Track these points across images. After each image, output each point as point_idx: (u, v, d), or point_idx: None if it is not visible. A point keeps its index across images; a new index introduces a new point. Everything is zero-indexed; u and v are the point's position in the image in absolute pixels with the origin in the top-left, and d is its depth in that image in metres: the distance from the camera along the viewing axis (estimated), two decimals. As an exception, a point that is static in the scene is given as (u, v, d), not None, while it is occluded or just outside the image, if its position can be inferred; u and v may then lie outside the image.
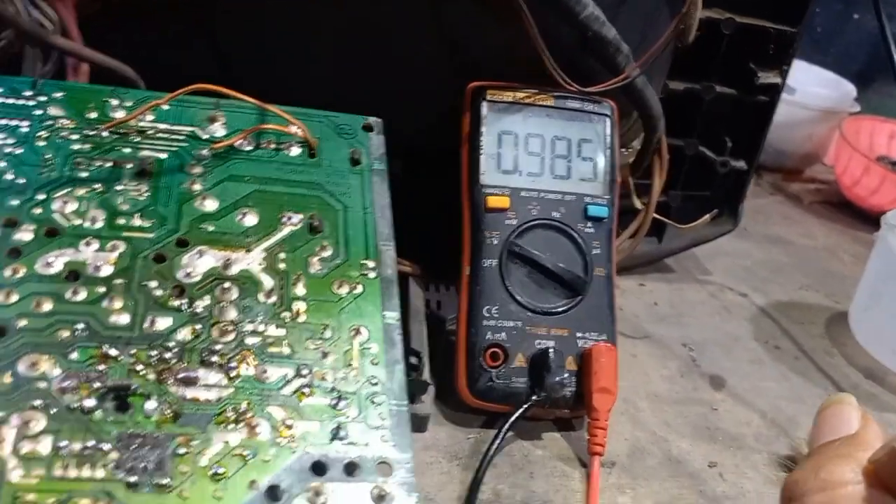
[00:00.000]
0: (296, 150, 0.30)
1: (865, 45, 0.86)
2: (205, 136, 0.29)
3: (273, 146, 0.30)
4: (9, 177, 0.26)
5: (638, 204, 0.48)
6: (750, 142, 0.56)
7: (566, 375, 0.38)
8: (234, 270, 0.26)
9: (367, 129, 0.32)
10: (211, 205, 0.27)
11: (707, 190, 0.57)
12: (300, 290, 0.26)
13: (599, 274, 0.41)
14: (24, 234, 0.25)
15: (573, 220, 0.41)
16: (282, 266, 0.26)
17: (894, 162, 0.79)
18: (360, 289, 0.27)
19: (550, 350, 0.38)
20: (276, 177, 0.29)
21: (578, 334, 0.39)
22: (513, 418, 0.37)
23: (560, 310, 0.40)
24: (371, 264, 0.27)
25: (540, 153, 0.42)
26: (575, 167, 0.42)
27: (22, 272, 0.24)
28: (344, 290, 0.26)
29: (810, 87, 0.79)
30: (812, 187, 0.82)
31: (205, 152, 0.29)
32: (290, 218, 0.28)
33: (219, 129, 0.30)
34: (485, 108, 0.41)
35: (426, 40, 0.40)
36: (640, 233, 0.48)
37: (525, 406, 0.37)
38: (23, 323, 0.23)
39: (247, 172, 0.29)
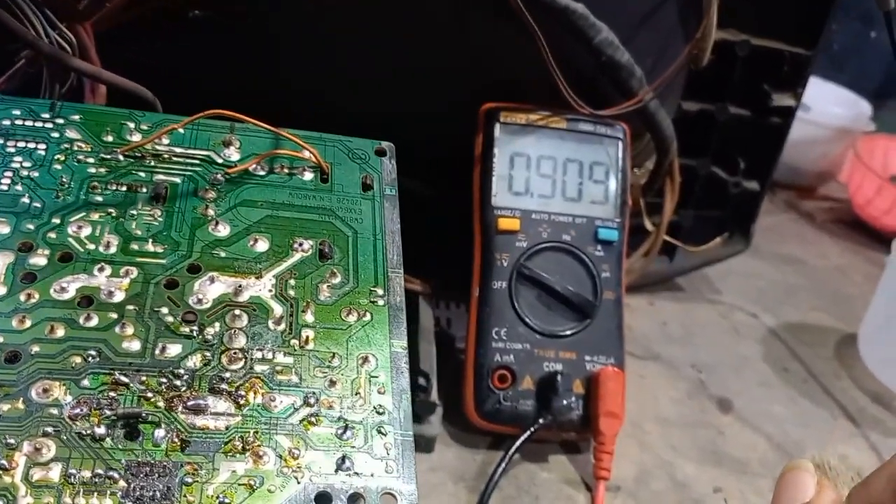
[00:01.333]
0: (308, 175, 0.30)
1: (882, 63, 0.86)
2: (219, 161, 0.30)
3: (286, 171, 0.30)
4: (25, 200, 0.26)
5: (649, 225, 0.48)
6: (763, 163, 0.56)
7: (573, 399, 0.39)
8: (244, 297, 0.26)
9: (380, 153, 0.32)
10: (223, 230, 0.28)
11: (719, 210, 0.57)
12: (309, 317, 0.26)
13: (609, 297, 0.41)
14: (39, 259, 0.25)
15: (583, 243, 0.41)
16: (291, 293, 0.27)
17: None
18: (368, 316, 0.27)
19: (558, 373, 0.39)
20: (288, 202, 0.29)
21: (587, 357, 0.40)
22: (519, 441, 0.38)
23: (569, 333, 0.40)
24: (380, 291, 0.28)
25: (552, 175, 0.42)
26: (586, 190, 0.42)
27: (36, 297, 0.24)
28: (353, 318, 0.27)
29: (826, 106, 0.79)
30: (826, 206, 0.82)
31: (219, 177, 0.29)
32: (301, 244, 0.28)
33: (233, 154, 0.30)
34: (498, 129, 0.41)
35: (443, 61, 0.40)
36: (651, 253, 0.48)
37: (532, 429, 0.38)
38: (36, 349, 0.23)
39: (259, 197, 0.29)
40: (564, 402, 0.38)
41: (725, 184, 0.56)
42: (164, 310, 0.25)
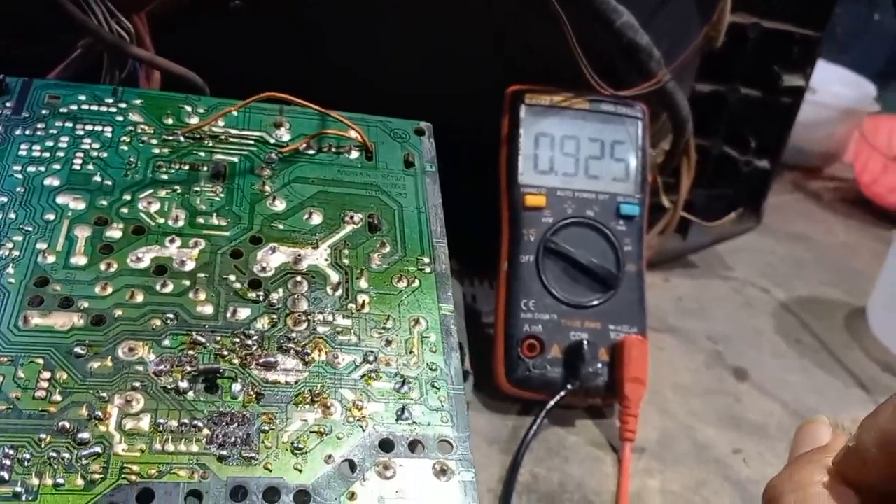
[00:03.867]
0: (355, 154, 0.32)
1: (885, 45, 0.88)
2: (272, 141, 0.32)
3: (334, 150, 0.32)
4: (97, 179, 0.28)
5: (666, 202, 0.50)
6: (773, 142, 0.58)
7: (599, 366, 0.41)
8: (303, 266, 0.28)
9: (419, 132, 0.34)
10: (280, 205, 0.30)
11: (731, 188, 0.59)
12: (363, 283, 0.28)
13: (631, 270, 0.43)
14: (114, 232, 0.27)
15: (606, 218, 0.43)
16: (346, 262, 0.29)
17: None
18: (417, 283, 0.29)
19: (585, 341, 0.41)
20: (337, 178, 0.31)
21: (611, 327, 0.42)
22: (549, 406, 0.40)
23: (594, 304, 0.42)
24: (426, 260, 0.30)
25: (575, 154, 0.44)
26: (608, 167, 0.44)
27: (115, 266, 0.26)
28: (403, 284, 0.29)
29: (831, 87, 0.81)
30: (832, 185, 0.84)
31: (273, 156, 0.31)
32: (351, 217, 0.30)
33: (284, 134, 0.32)
34: (523, 110, 0.43)
35: (471, 44, 0.42)
36: (668, 230, 0.50)
37: (561, 395, 0.40)
38: (119, 312, 0.25)
39: (311, 174, 0.31)
40: (591, 368, 0.40)
41: (737, 162, 0.58)
42: (232, 277, 0.27)
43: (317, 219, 0.30)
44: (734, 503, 0.38)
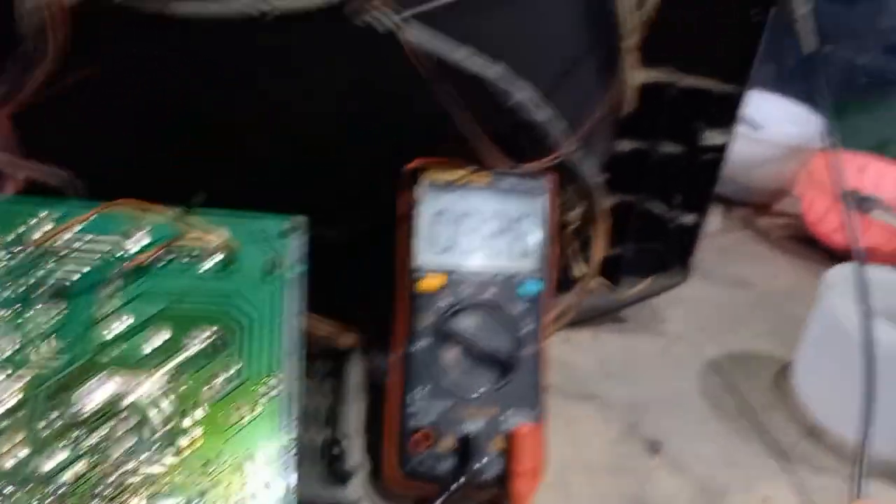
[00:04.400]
0: (213, 261, 0.31)
1: (837, 78, 0.86)
2: (128, 246, 0.31)
3: (189, 258, 0.31)
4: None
5: (578, 270, 0.49)
6: (698, 198, 0.56)
7: (493, 457, 0.40)
8: (132, 398, 0.27)
9: (288, 231, 0.33)
10: (120, 325, 0.29)
11: (659, 242, 0.58)
12: (199, 413, 0.27)
13: (528, 352, 0.42)
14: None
15: (506, 298, 0.42)
16: (183, 388, 0.28)
17: (863, 198, 0.79)
18: (259, 409, 0.28)
19: (476, 433, 0.40)
20: (188, 290, 0.30)
21: (508, 412, 0.41)
22: (439, 501, 0.38)
23: (490, 390, 0.41)
24: (273, 382, 0.29)
25: (476, 231, 0.43)
26: (510, 244, 0.43)
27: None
28: (242, 412, 0.28)
29: (778, 124, 0.80)
30: (781, 222, 0.83)
31: (120, 269, 0.30)
32: (196, 336, 0.29)
33: (144, 238, 0.31)
34: (421, 188, 0.42)
35: (365, 125, 0.41)
36: (580, 296, 0.49)
37: (447, 492, 0.38)
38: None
39: (160, 288, 0.30)
40: (483, 460, 0.39)
41: (662, 218, 0.57)
42: (54, 414, 0.26)
43: (159, 340, 0.29)
44: None
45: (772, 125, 0.79)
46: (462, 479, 0.39)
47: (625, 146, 0.53)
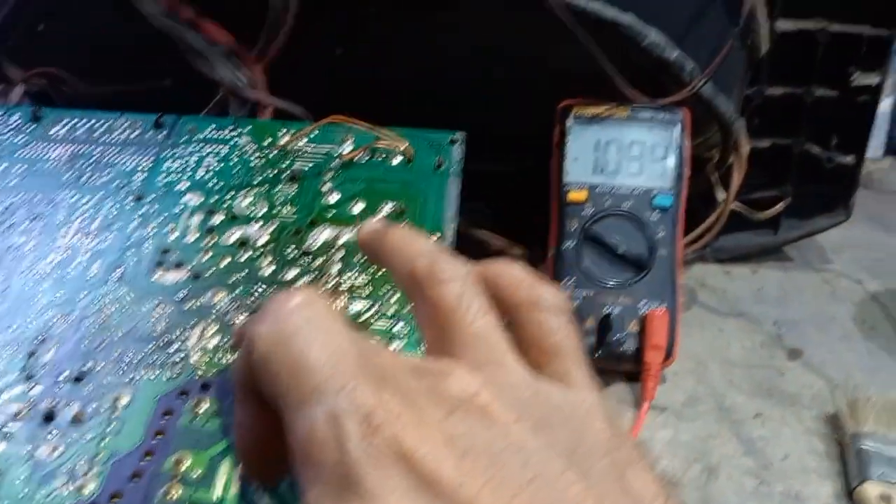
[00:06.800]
0: (397, 159, 0.43)
1: None
2: (338, 151, 0.43)
3: (382, 157, 0.43)
4: (210, 184, 0.41)
5: (720, 196, 0.55)
6: (855, 138, 0.60)
7: (626, 335, 0.47)
8: (342, 241, 0.39)
9: (453, 142, 0.44)
10: (334, 198, 0.41)
11: (818, 184, 0.62)
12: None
13: (663, 253, 0.49)
14: (217, 219, 0.40)
15: (641, 209, 0.50)
16: (374, 238, 0.39)
17: None
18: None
19: (615, 314, 0.48)
20: (380, 178, 0.42)
21: (642, 302, 0.48)
22: (579, 366, 0.47)
23: (627, 282, 0.48)
24: (437, 235, 0.39)
25: (616, 156, 0.51)
26: (646, 167, 0.51)
27: (213, 241, 0.39)
28: (413, 254, 0.38)
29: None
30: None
31: (336, 163, 0.42)
32: (386, 205, 0.40)
33: (348, 146, 0.43)
34: (570, 121, 0.51)
35: (523, 69, 0.51)
36: (718, 222, 0.55)
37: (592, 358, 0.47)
38: (210, 271, 0.37)
39: (360, 176, 0.42)
40: (618, 336, 0.47)
41: (820, 160, 0.60)
42: (291, 247, 0.39)
43: (358, 209, 0.41)
44: (738, 454, 0.43)
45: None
46: (600, 353, 0.47)
47: (776, 91, 0.58)
